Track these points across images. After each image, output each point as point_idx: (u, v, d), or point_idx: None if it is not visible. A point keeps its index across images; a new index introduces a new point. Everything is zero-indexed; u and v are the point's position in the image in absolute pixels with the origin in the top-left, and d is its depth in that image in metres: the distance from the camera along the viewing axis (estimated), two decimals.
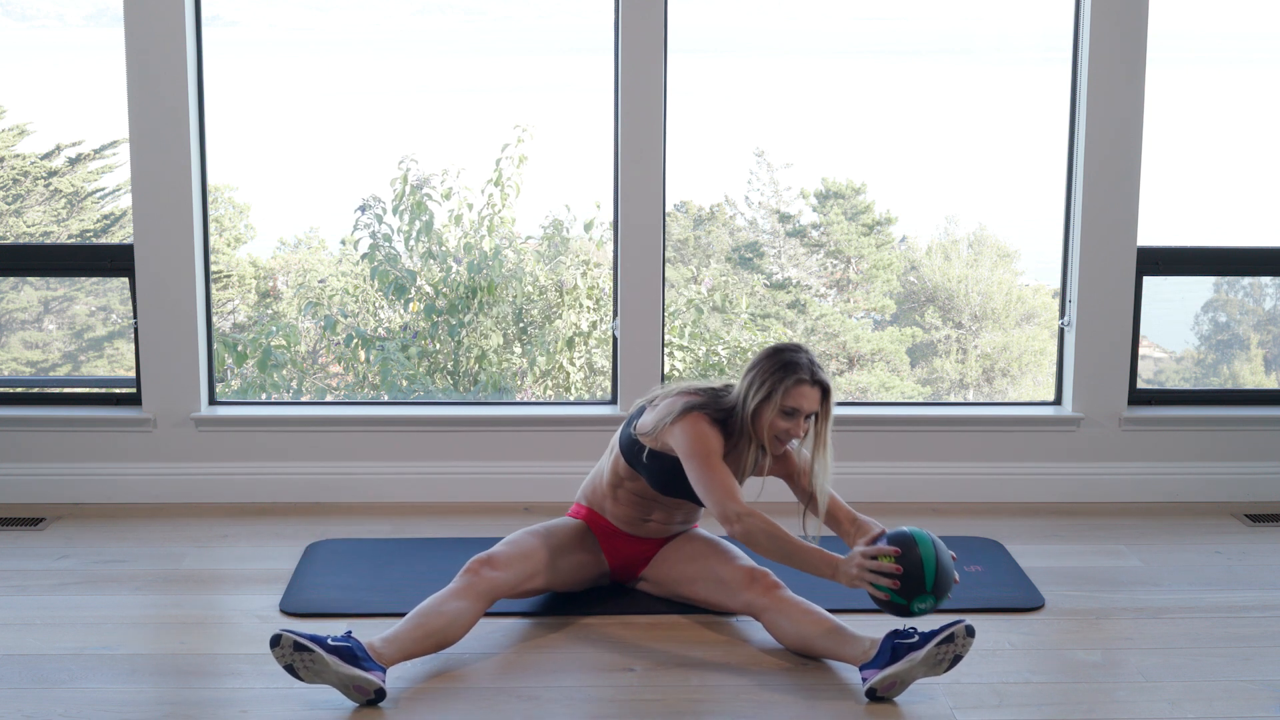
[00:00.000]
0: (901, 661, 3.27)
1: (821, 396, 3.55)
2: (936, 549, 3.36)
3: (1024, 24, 6.12)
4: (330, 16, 6.39)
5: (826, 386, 3.56)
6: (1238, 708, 3.32)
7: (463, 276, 5.92)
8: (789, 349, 3.58)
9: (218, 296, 6.18)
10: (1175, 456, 4.95)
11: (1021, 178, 6.07)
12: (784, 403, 3.52)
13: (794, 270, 6.49)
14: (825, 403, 3.56)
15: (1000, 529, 4.62)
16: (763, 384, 3.53)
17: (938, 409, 5.12)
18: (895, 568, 3.33)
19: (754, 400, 3.54)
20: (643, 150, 4.74)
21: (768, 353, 3.59)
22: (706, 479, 3.51)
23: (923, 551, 3.34)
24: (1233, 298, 6.42)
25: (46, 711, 3.24)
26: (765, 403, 3.53)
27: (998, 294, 6.40)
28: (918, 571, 3.33)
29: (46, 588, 4.04)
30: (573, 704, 3.32)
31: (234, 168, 6.07)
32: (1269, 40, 5.86)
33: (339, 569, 4.16)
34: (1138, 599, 4.01)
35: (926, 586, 3.33)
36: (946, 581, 3.36)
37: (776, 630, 3.56)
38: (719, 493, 3.49)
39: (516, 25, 6.45)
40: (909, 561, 3.33)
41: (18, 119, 6.26)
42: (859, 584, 3.37)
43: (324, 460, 4.86)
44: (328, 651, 3.21)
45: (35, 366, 6.17)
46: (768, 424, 3.54)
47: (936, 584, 3.34)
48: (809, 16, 6.31)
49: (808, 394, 3.53)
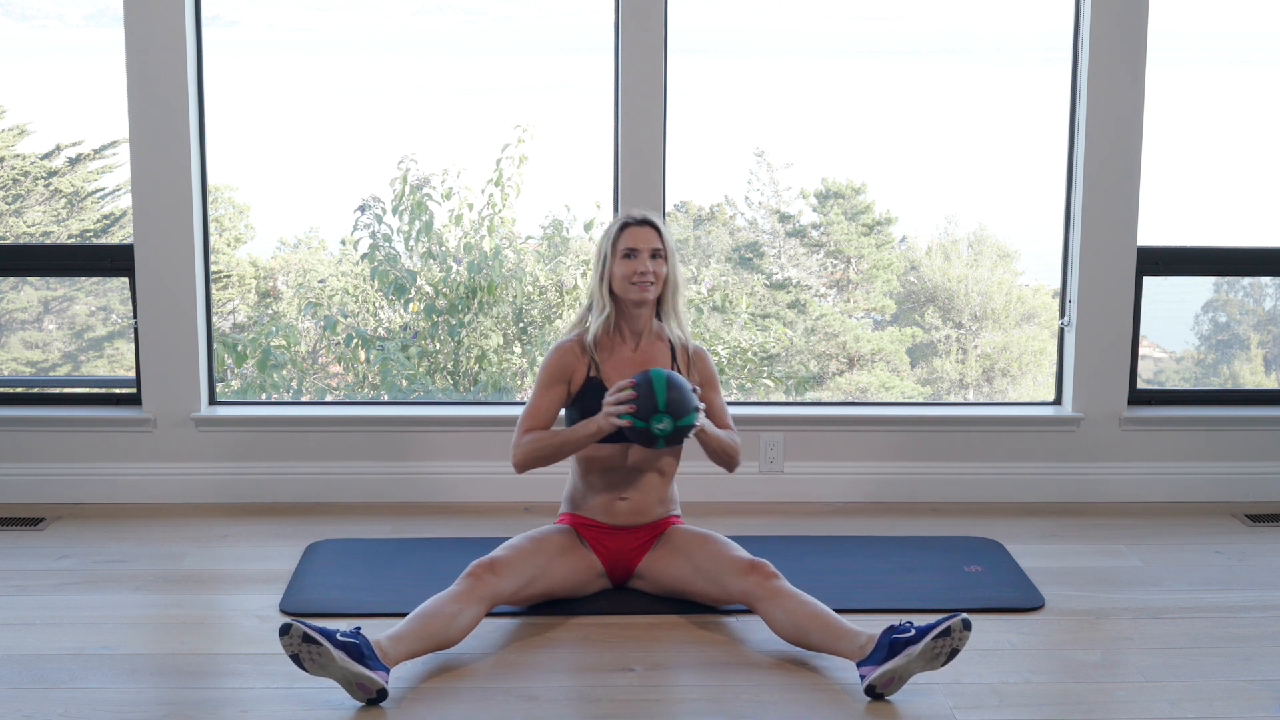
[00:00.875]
0: (899, 657, 3.27)
1: (657, 234, 3.76)
2: (669, 375, 3.61)
3: (1024, 24, 6.12)
4: (330, 16, 6.39)
5: (653, 222, 3.78)
6: (1238, 708, 3.32)
7: (463, 276, 5.92)
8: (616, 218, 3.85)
9: (218, 296, 6.18)
10: (1175, 456, 4.95)
11: (1021, 178, 6.07)
12: (618, 248, 3.74)
13: (794, 270, 6.49)
14: (662, 239, 3.77)
15: (1000, 529, 4.62)
16: (599, 252, 3.81)
17: (938, 409, 5.12)
18: (630, 394, 3.58)
19: (599, 268, 3.78)
20: (643, 150, 4.74)
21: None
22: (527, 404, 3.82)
23: (654, 377, 3.60)
24: (1233, 298, 6.42)
25: (46, 711, 3.24)
26: (608, 262, 3.76)
27: (998, 294, 6.40)
28: (649, 392, 3.57)
29: (46, 588, 4.04)
30: (573, 704, 3.32)
31: (234, 168, 6.07)
32: (1269, 40, 5.85)
33: (339, 569, 4.16)
34: (1138, 599, 4.01)
35: (659, 405, 3.56)
36: (682, 402, 3.58)
37: (772, 620, 3.56)
38: (520, 422, 3.80)
39: (516, 25, 6.45)
40: (642, 386, 3.59)
41: (18, 119, 6.25)
42: (608, 421, 3.61)
43: (324, 460, 4.86)
44: (335, 646, 3.21)
45: (35, 366, 6.17)
46: (616, 278, 3.75)
47: (669, 403, 3.56)
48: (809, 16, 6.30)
49: (637, 232, 3.75)
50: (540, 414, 3.80)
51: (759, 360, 6.19)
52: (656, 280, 3.75)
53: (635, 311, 3.79)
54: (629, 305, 3.78)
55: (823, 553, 4.34)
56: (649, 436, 3.59)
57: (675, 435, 3.61)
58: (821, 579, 4.04)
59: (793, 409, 5.08)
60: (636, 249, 3.73)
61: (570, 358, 3.80)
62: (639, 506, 3.81)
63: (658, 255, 3.75)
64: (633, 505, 3.81)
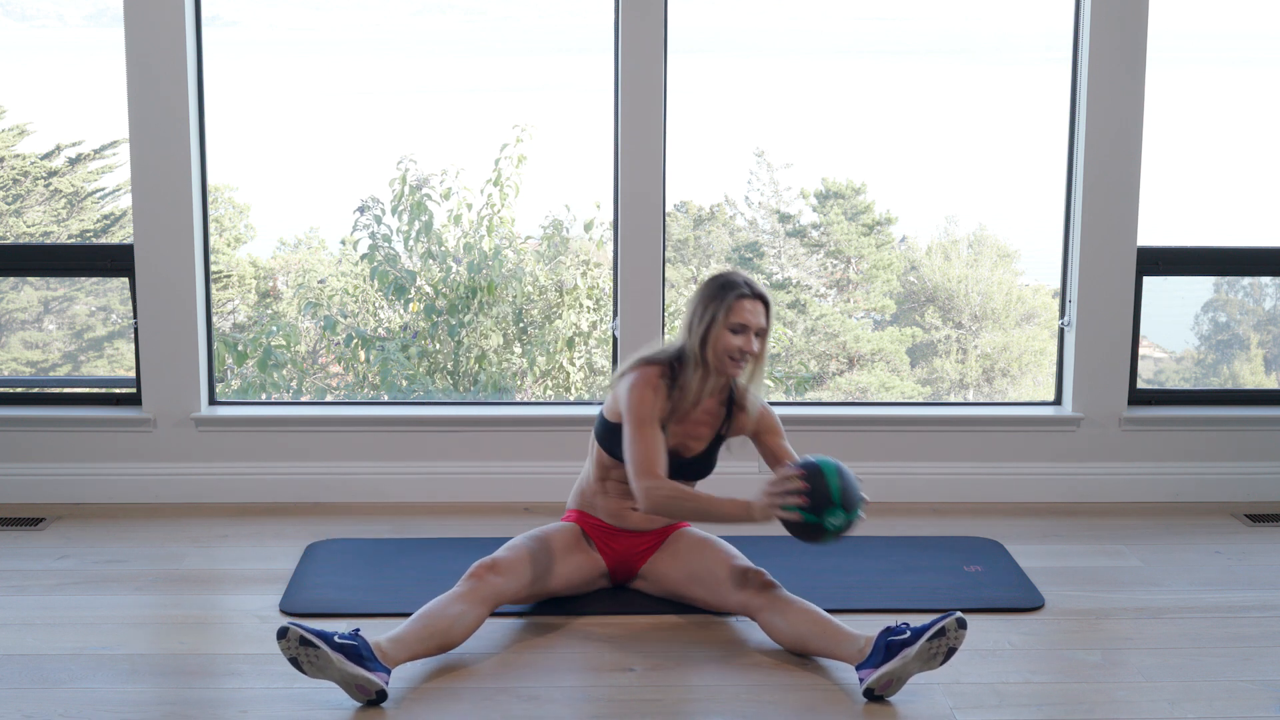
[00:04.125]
0: (896, 659, 3.27)
1: (765, 311, 3.64)
2: (840, 466, 3.44)
3: (1024, 24, 6.12)
4: (330, 16, 6.39)
5: (766, 299, 3.64)
6: (1238, 708, 3.32)
7: (462, 276, 5.92)
8: (723, 273, 3.67)
9: (218, 296, 6.18)
10: (1175, 456, 4.95)
11: (1021, 178, 6.07)
12: (730, 320, 3.58)
13: (794, 270, 6.49)
14: (768, 317, 3.65)
15: (1000, 529, 4.62)
16: (706, 308, 3.60)
17: (938, 409, 5.12)
18: (801, 485, 3.39)
19: (701, 327, 3.60)
20: (643, 150, 4.74)
21: (704, 282, 3.68)
22: (634, 442, 3.57)
23: (825, 468, 3.42)
24: (1233, 298, 6.42)
25: (46, 711, 3.24)
26: (712, 325, 3.59)
27: (998, 294, 6.40)
28: (822, 485, 3.39)
29: (46, 588, 4.04)
30: (573, 704, 3.32)
31: (234, 168, 6.07)
32: (1269, 40, 5.85)
33: (339, 569, 4.16)
34: (1138, 599, 4.01)
35: (833, 499, 3.38)
36: (853, 495, 3.42)
37: (772, 629, 3.56)
38: (640, 458, 3.55)
39: (516, 25, 6.45)
40: (813, 479, 3.40)
41: (18, 119, 6.25)
42: (772, 512, 3.43)
43: (324, 460, 4.86)
44: (333, 649, 3.21)
45: (35, 366, 6.17)
46: (716, 345, 3.59)
47: (844, 496, 3.39)
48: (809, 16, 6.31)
49: (750, 307, 3.60)
50: (661, 456, 3.58)
51: None
52: (752, 358, 3.64)
53: (719, 379, 3.68)
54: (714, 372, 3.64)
55: (822, 553, 4.34)
56: (819, 531, 3.40)
57: (846, 529, 3.42)
58: (821, 579, 4.04)
59: (793, 409, 5.08)
60: (746, 326, 3.58)
61: (662, 398, 3.62)
62: (651, 516, 3.81)
63: (761, 334, 3.62)
64: (645, 514, 3.80)
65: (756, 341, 3.62)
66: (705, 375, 3.64)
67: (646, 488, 3.53)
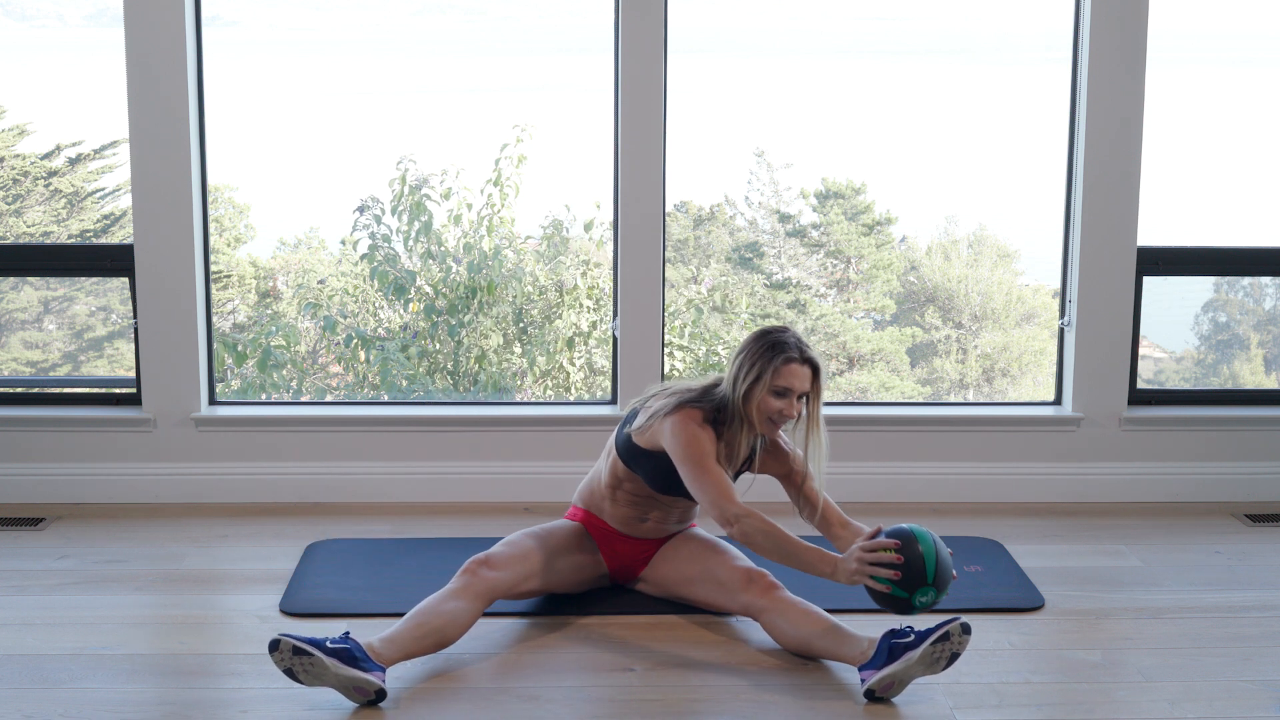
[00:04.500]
0: (899, 661, 3.27)
1: (812, 375, 3.57)
2: (936, 543, 3.36)
3: (1024, 24, 6.11)
4: (330, 16, 6.39)
5: (816, 364, 3.57)
6: (1238, 708, 3.32)
7: (462, 276, 5.92)
8: (776, 330, 3.59)
9: (218, 296, 6.18)
10: (1175, 456, 4.95)
11: (1021, 178, 6.06)
12: (774, 383, 3.53)
13: (794, 270, 6.48)
14: (816, 382, 3.57)
15: (1000, 529, 4.62)
16: (752, 366, 3.54)
17: (938, 409, 5.12)
18: (896, 558, 3.31)
19: (744, 383, 3.54)
20: (643, 150, 4.74)
21: (755, 335, 3.60)
22: (701, 481, 3.50)
23: (922, 544, 3.33)
24: (1233, 298, 6.41)
25: (46, 711, 3.24)
26: (756, 384, 3.52)
27: (998, 294, 6.40)
28: (919, 563, 3.30)
29: (46, 588, 4.04)
30: (573, 704, 3.32)
31: (234, 168, 6.06)
32: (1269, 40, 5.85)
33: (339, 569, 4.16)
34: (1138, 599, 4.01)
35: (928, 579, 3.30)
36: (946, 575, 3.34)
37: (775, 631, 3.56)
38: (714, 494, 3.48)
39: (516, 25, 6.44)
40: (909, 553, 3.32)
41: (18, 119, 6.25)
42: (859, 579, 3.35)
43: (324, 460, 4.86)
44: (326, 654, 3.20)
45: (35, 366, 6.17)
46: (758, 405, 3.53)
47: (938, 576, 3.32)
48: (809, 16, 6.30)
49: (797, 372, 3.53)
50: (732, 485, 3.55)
51: None
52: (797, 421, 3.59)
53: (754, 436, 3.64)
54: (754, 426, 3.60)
55: None
56: (907, 607, 3.33)
57: (933, 606, 3.36)
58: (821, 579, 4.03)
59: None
60: (790, 389, 3.54)
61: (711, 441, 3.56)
62: (660, 525, 3.81)
63: (802, 398, 3.57)
64: (654, 525, 3.80)
65: (798, 404, 3.55)
66: (750, 431, 3.59)
67: (737, 515, 3.44)
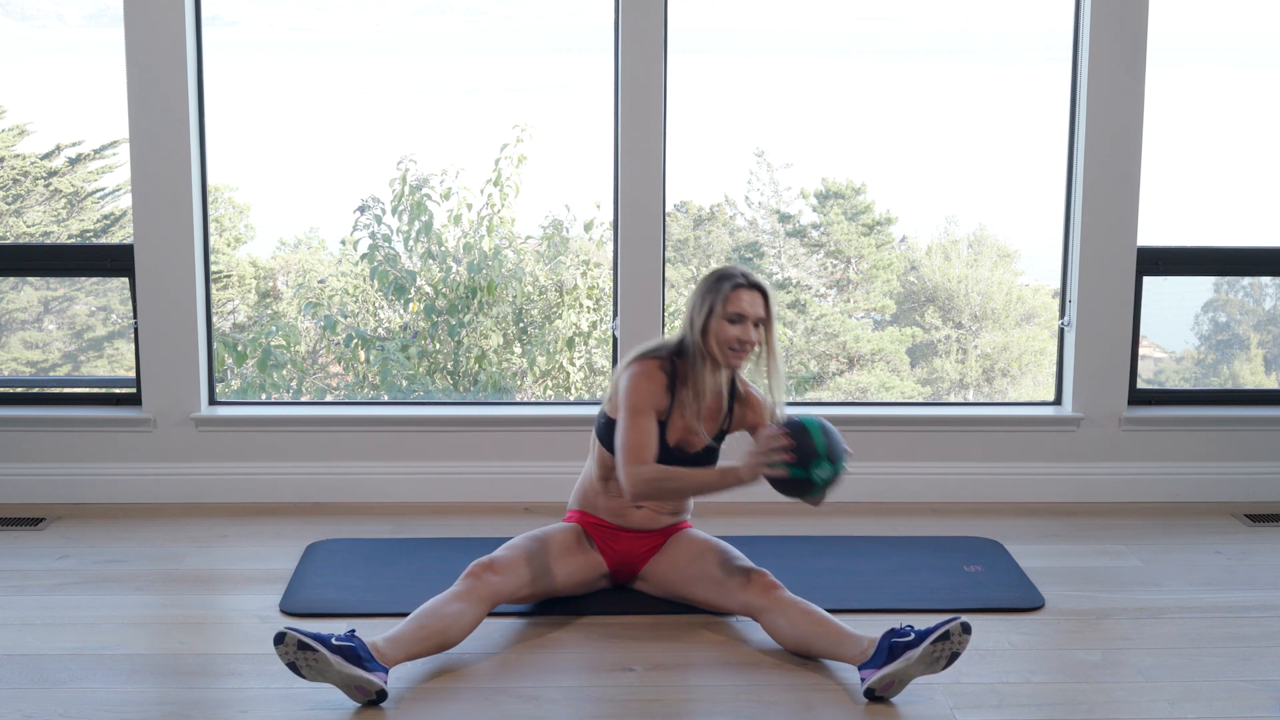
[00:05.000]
0: (899, 660, 3.27)
1: (763, 300, 3.65)
2: (822, 422, 3.52)
3: (1024, 24, 6.12)
4: (330, 16, 6.39)
5: (763, 288, 3.66)
6: (1238, 708, 3.32)
7: (462, 276, 5.92)
8: (720, 268, 3.70)
9: (218, 296, 6.18)
10: (1175, 456, 4.95)
11: (1021, 178, 6.07)
12: (727, 310, 3.61)
13: (794, 270, 6.48)
14: (767, 306, 3.66)
15: (1000, 529, 4.62)
16: (704, 301, 3.64)
17: (938, 409, 5.12)
18: (787, 442, 3.44)
19: (700, 319, 3.63)
20: (643, 150, 4.74)
21: (702, 278, 3.71)
22: (626, 429, 3.61)
23: (808, 425, 3.49)
24: (1233, 298, 6.42)
25: (46, 711, 3.24)
26: (710, 316, 3.62)
27: (998, 294, 6.40)
28: (807, 440, 3.45)
29: (46, 588, 4.04)
30: (573, 704, 3.32)
31: (234, 168, 6.07)
32: (1269, 40, 5.85)
33: (339, 569, 4.16)
34: (1138, 599, 4.01)
35: (819, 451, 3.45)
36: (837, 447, 3.49)
37: (774, 630, 3.56)
38: (628, 449, 3.59)
39: (516, 25, 6.45)
40: (798, 435, 3.46)
41: (18, 119, 6.25)
42: (761, 471, 3.47)
43: (324, 460, 4.86)
44: (331, 651, 3.21)
45: (35, 366, 6.17)
46: (716, 337, 3.62)
47: (828, 449, 3.46)
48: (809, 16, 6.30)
49: (747, 296, 3.63)
50: (651, 443, 3.61)
51: None
52: (752, 347, 3.64)
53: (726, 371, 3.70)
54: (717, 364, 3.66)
55: (822, 553, 4.34)
56: (808, 485, 3.46)
57: (834, 482, 3.49)
58: (821, 579, 4.04)
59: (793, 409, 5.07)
60: (743, 315, 3.60)
61: (660, 390, 3.66)
62: (654, 515, 3.81)
63: (759, 324, 3.64)
64: (648, 514, 3.80)
65: (755, 331, 3.63)
66: (714, 367, 3.66)
67: (631, 472, 3.57)
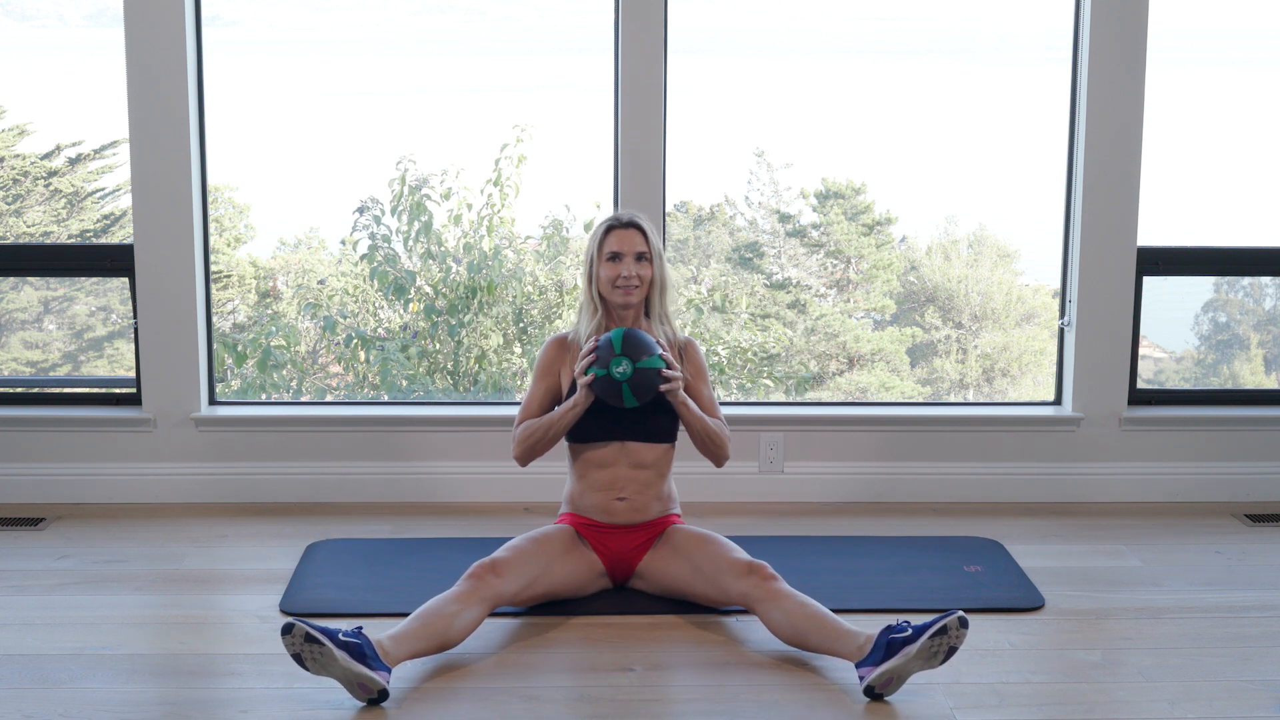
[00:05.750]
0: (897, 657, 3.27)
1: (641, 236, 3.79)
2: (628, 329, 3.71)
3: (1024, 24, 6.11)
4: (330, 16, 6.39)
5: (637, 224, 3.80)
6: (1238, 708, 3.32)
7: (462, 277, 5.92)
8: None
9: (218, 296, 6.18)
10: (1175, 456, 4.95)
11: (1021, 178, 6.06)
12: (604, 250, 3.77)
13: (794, 270, 6.48)
14: (647, 242, 3.79)
15: (1000, 529, 4.62)
16: (587, 253, 3.86)
17: (938, 409, 5.12)
18: (592, 346, 3.69)
19: (587, 270, 3.85)
20: (643, 150, 4.74)
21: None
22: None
23: (612, 332, 3.69)
24: (1233, 298, 6.42)
25: (46, 711, 3.24)
26: (593, 264, 3.82)
27: (998, 294, 6.40)
28: (606, 342, 3.67)
29: (46, 588, 4.04)
30: (573, 704, 3.32)
31: (234, 168, 6.06)
32: (1269, 41, 5.85)
33: (339, 569, 4.16)
34: (1138, 599, 4.01)
35: (616, 349, 3.64)
36: (635, 344, 3.66)
37: (771, 622, 3.56)
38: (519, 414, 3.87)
39: (516, 25, 6.45)
40: (601, 342, 3.69)
41: (18, 119, 6.25)
42: (580, 379, 3.70)
43: (324, 460, 4.86)
44: (338, 646, 3.22)
45: (35, 366, 6.17)
46: (601, 280, 3.79)
47: (625, 345, 3.64)
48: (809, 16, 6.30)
49: (621, 235, 3.78)
50: (533, 405, 3.87)
51: (759, 360, 6.19)
52: (641, 283, 3.79)
53: (622, 313, 3.83)
54: (615, 307, 3.82)
55: (822, 553, 4.34)
56: (612, 383, 3.65)
57: (640, 380, 3.65)
58: (821, 579, 4.04)
59: (793, 409, 5.08)
60: (621, 253, 3.77)
61: (557, 351, 3.87)
62: (637, 505, 3.82)
63: (643, 258, 3.79)
64: (631, 505, 3.81)
65: (638, 264, 3.76)
66: (594, 312, 3.83)
67: (511, 438, 3.85)
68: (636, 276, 3.77)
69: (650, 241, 3.80)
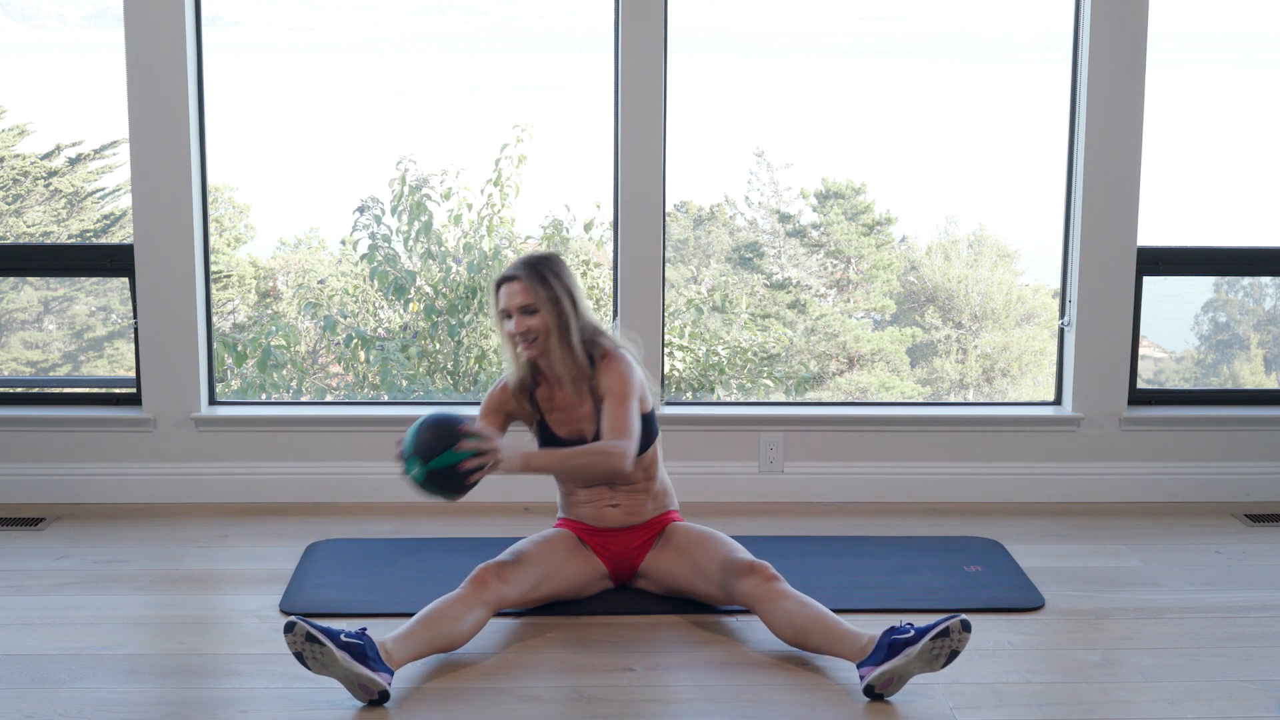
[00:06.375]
0: (898, 657, 3.27)
1: (522, 287, 3.63)
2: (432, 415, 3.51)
3: (1024, 24, 6.12)
4: (330, 16, 6.39)
5: (516, 275, 3.65)
6: (1238, 708, 3.32)
7: (462, 276, 5.92)
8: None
9: (218, 296, 6.18)
10: (1175, 456, 4.95)
11: (1021, 178, 6.07)
12: (498, 310, 3.68)
13: (794, 270, 6.48)
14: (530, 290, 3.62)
15: (1000, 529, 4.62)
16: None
17: (938, 409, 5.12)
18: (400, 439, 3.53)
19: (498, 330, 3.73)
20: (643, 150, 4.74)
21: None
22: None
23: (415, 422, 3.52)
24: (1233, 298, 6.42)
25: (46, 711, 3.24)
26: (498, 323, 3.71)
27: (998, 294, 6.40)
28: (402, 441, 3.52)
29: (46, 588, 4.04)
30: (573, 704, 3.32)
31: (234, 168, 6.07)
32: (1269, 40, 5.85)
33: (339, 569, 4.16)
34: (1138, 599, 4.01)
35: (407, 452, 3.49)
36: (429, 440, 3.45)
37: (772, 622, 3.56)
38: None
39: (516, 25, 6.45)
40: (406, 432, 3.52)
41: (18, 119, 6.26)
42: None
43: (324, 460, 4.86)
44: (339, 647, 3.21)
45: (35, 366, 6.17)
46: (505, 338, 3.70)
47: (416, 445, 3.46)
48: (809, 16, 6.30)
49: (506, 290, 3.66)
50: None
51: (759, 360, 6.19)
52: (536, 333, 3.64)
53: (540, 362, 3.72)
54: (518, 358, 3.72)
55: (823, 553, 4.34)
56: (416, 485, 3.51)
57: (438, 479, 3.47)
58: (821, 579, 4.04)
59: (793, 409, 5.08)
60: (508, 309, 3.65)
61: (503, 395, 3.78)
62: (630, 509, 3.81)
63: (528, 310, 3.63)
64: (623, 510, 3.80)
65: (528, 318, 3.63)
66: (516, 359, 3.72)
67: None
68: (528, 330, 3.63)
69: (532, 289, 3.62)
